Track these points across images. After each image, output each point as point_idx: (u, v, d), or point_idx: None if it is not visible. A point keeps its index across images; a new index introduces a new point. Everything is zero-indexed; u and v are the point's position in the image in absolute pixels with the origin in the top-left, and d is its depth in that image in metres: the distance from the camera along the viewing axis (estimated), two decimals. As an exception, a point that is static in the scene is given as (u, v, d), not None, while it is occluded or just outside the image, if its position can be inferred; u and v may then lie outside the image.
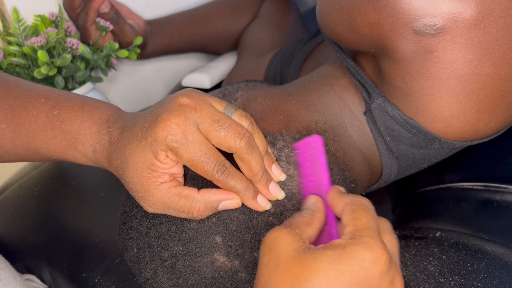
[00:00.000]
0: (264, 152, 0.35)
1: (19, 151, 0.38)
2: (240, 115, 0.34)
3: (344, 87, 0.45)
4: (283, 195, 0.36)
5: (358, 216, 0.28)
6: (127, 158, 0.33)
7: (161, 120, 0.32)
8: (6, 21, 0.60)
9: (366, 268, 0.26)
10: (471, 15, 0.34)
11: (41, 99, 0.37)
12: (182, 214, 0.34)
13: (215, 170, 0.32)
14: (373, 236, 0.27)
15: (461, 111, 0.38)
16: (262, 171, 0.34)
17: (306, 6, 0.97)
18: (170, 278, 0.36)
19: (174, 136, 0.31)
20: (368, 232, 0.27)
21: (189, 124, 0.32)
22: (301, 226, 0.30)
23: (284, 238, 0.28)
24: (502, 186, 0.45)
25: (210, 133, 0.32)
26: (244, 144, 0.32)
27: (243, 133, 0.32)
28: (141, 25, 0.72)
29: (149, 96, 0.83)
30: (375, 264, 0.26)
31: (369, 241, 0.26)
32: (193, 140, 0.32)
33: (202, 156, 0.32)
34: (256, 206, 0.35)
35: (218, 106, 0.34)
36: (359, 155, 0.44)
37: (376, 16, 0.36)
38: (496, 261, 0.39)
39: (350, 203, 0.30)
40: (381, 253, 0.26)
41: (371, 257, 0.26)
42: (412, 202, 0.54)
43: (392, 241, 0.29)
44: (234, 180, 0.33)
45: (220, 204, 0.34)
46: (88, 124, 0.36)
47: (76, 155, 0.37)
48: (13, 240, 0.53)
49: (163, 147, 0.32)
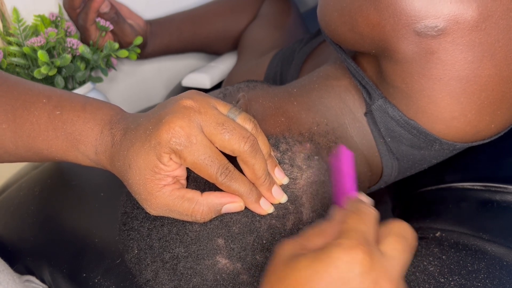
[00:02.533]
0: (267, 155, 0.35)
1: (20, 152, 0.38)
2: (244, 118, 0.34)
3: (345, 87, 0.45)
4: (285, 199, 0.36)
5: (345, 219, 0.29)
6: (130, 160, 0.33)
7: (165, 123, 0.32)
8: (6, 21, 0.60)
9: (340, 267, 0.25)
10: (472, 17, 0.34)
11: (43, 99, 0.37)
12: (185, 217, 0.34)
13: (219, 173, 0.32)
14: (351, 237, 0.27)
15: (462, 112, 0.38)
16: (265, 175, 0.34)
17: (306, 6, 0.96)
18: (171, 280, 0.36)
19: (178, 139, 0.31)
20: (347, 234, 0.27)
21: (193, 127, 0.32)
22: (308, 236, 0.30)
23: (285, 247, 0.29)
24: (502, 186, 0.45)
25: (214, 136, 0.32)
26: (248, 148, 0.32)
27: (247, 137, 0.32)
28: (141, 25, 0.72)
29: (149, 96, 0.83)
30: (351, 263, 0.25)
31: (345, 242, 0.26)
32: (197, 143, 0.32)
33: (206, 159, 0.32)
34: (259, 210, 0.35)
35: (222, 108, 0.34)
36: (360, 156, 0.44)
37: (377, 17, 0.36)
38: (496, 261, 0.39)
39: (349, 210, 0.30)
40: (357, 253, 0.26)
41: (346, 257, 0.26)
42: (412, 202, 0.54)
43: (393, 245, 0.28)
44: (237, 183, 0.33)
45: (223, 207, 0.34)
46: (90, 125, 0.36)
47: (78, 156, 0.37)
48: (13, 240, 0.53)
49: (167, 150, 0.31)
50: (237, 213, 0.35)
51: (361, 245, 0.26)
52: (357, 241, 0.26)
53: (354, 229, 0.27)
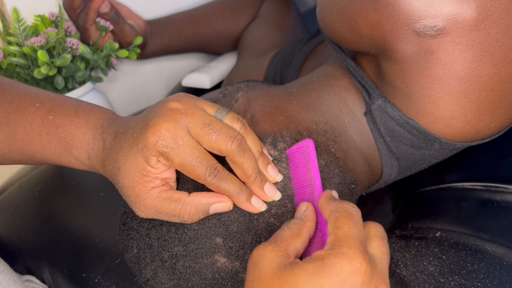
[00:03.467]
0: (259, 153, 0.35)
1: (14, 155, 0.38)
2: (232, 118, 0.34)
3: (345, 87, 0.45)
4: (279, 196, 0.36)
5: (340, 224, 0.28)
6: (120, 163, 0.33)
7: (151, 126, 0.32)
8: (6, 21, 0.60)
9: (345, 279, 0.25)
10: (472, 16, 0.34)
11: (36, 104, 0.37)
12: (173, 218, 0.34)
13: (207, 173, 0.32)
14: (352, 246, 0.26)
15: (462, 112, 0.38)
16: (256, 173, 0.34)
17: (306, 6, 0.97)
18: (170, 279, 0.36)
19: (164, 141, 0.31)
20: (348, 241, 0.27)
21: (179, 129, 0.32)
22: (287, 239, 0.29)
23: (267, 255, 0.28)
24: (502, 186, 0.45)
25: (201, 137, 0.32)
26: (235, 147, 0.32)
27: (234, 136, 0.33)
28: (141, 25, 0.72)
29: (149, 96, 0.83)
30: (354, 274, 0.25)
31: (348, 251, 0.26)
32: (184, 145, 0.32)
33: (194, 160, 0.32)
34: (251, 208, 0.35)
35: (209, 109, 0.34)
36: (360, 155, 0.44)
37: (376, 17, 0.36)
38: (496, 261, 0.39)
39: (334, 210, 0.29)
40: (360, 263, 0.25)
41: (350, 268, 0.25)
42: (412, 202, 0.54)
43: (380, 248, 0.28)
44: (226, 183, 0.33)
45: (211, 207, 0.34)
46: (83, 130, 0.36)
47: (72, 160, 0.37)
48: (13, 240, 0.53)
49: (154, 152, 0.32)
50: (235, 212, 0.35)
51: (362, 254, 0.26)
52: (358, 249, 0.26)
53: (352, 236, 0.27)
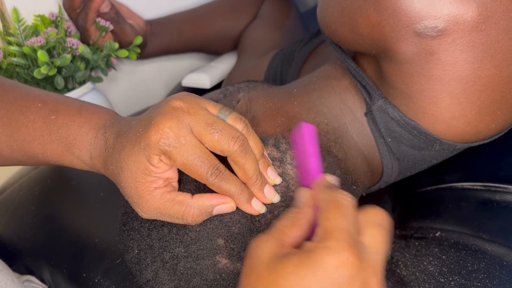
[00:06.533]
0: (260, 155, 0.35)
1: (16, 156, 0.38)
2: (235, 118, 0.34)
3: (345, 88, 0.45)
4: (278, 199, 0.36)
5: (328, 215, 0.27)
6: (122, 163, 0.33)
7: (154, 124, 0.32)
8: (6, 21, 0.60)
9: (331, 272, 0.25)
10: (473, 17, 0.34)
11: (38, 104, 0.37)
12: (176, 220, 0.34)
13: (209, 173, 0.32)
14: (339, 238, 0.25)
15: (462, 112, 0.38)
16: (257, 175, 0.34)
17: (306, 6, 0.96)
18: (171, 280, 0.36)
19: (167, 140, 0.31)
20: (334, 234, 0.26)
21: (182, 128, 0.32)
22: (283, 229, 0.29)
23: (261, 245, 0.28)
24: (502, 186, 0.45)
25: (204, 136, 0.32)
26: (237, 148, 0.32)
27: (237, 136, 0.32)
28: (141, 25, 0.72)
29: (149, 96, 0.83)
30: (340, 267, 0.25)
31: (333, 244, 0.25)
32: (186, 144, 0.32)
33: (196, 160, 0.32)
34: (251, 210, 0.34)
35: (212, 109, 0.34)
36: (360, 156, 0.44)
37: (377, 18, 0.36)
38: (496, 261, 0.39)
39: (324, 200, 0.29)
40: (347, 257, 0.25)
41: (335, 261, 0.25)
42: (412, 202, 0.54)
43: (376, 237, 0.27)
44: (228, 184, 0.33)
45: (214, 208, 0.34)
46: (85, 130, 0.36)
47: (73, 160, 0.37)
48: (13, 240, 0.53)
49: (156, 151, 0.31)
50: (237, 213, 0.35)
51: (348, 246, 0.25)
52: (344, 242, 0.25)
53: (339, 228, 0.26)
